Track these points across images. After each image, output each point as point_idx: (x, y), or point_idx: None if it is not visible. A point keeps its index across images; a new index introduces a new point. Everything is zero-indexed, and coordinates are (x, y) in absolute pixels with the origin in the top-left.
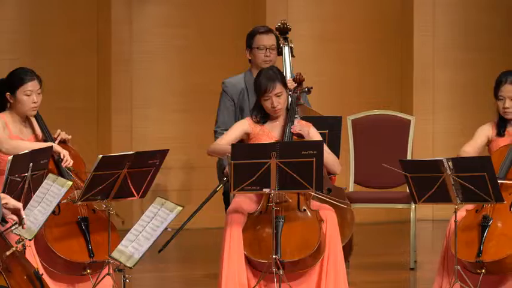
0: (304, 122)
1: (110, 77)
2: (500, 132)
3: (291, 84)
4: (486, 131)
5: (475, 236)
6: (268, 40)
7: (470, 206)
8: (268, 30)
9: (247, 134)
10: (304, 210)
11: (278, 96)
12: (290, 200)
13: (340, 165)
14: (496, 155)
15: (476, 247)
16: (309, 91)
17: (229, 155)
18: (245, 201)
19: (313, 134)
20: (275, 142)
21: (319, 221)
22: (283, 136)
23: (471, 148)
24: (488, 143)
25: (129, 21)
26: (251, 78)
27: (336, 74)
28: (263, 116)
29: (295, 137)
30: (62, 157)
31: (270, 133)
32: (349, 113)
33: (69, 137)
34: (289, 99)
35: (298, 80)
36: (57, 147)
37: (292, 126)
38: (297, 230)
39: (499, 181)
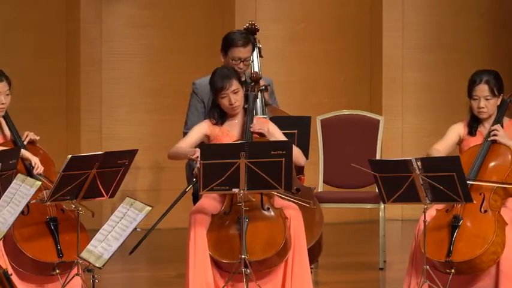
0: (261, 119)
1: (79, 77)
2: (472, 132)
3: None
4: (458, 130)
5: (445, 235)
6: (244, 53)
7: (440, 206)
8: (246, 42)
9: (207, 136)
10: (268, 208)
11: (235, 93)
12: (253, 199)
13: (304, 156)
14: (466, 155)
15: (446, 247)
16: (266, 89)
17: (191, 156)
18: (208, 201)
19: (273, 130)
20: (244, 142)
21: (283, 219)
22: (243, 135)
23: (442, 146)
24: (460, 142)
25: (98, 21)
26: None
27: (305, 74)
28: (220, 116)
29: (255, 135)
30: (33, 164)
31: (229, 133)
32: (318, 113)
33: (38, 137)
34: (248, 98)
35: (255, 78)
36: (27, 153)
37: (251, 125)
38: (262, 229)
39: (469, 182)
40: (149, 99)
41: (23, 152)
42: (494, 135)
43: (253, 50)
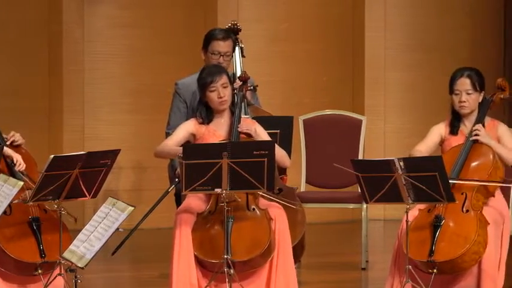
0: (249, 120)
1: (61, 77)
2: (454, 131)
3: (237, 83)
4: (439, 130)
5: (427, 235)
6: (223, 47)
7: (422, 206)
8: (226, 37)
9: (193, 135)
10: (254, 209)
11: (224, 87)
12: (239, 200)
13: (289, 158)
14: (448, 155)
15: (428, 247)
16: (254, 89)
17: (181, 155)
18: (194, 200)
19: (260, 131)
20: (226, 142)
21: (268, 220)
22: (230, 135)
23: (424, 148)
24: (441, 142)
25: (80, 21)
26: None
27: (288, 74)
28: (207, 115)
29: (242, 136)
30: (14, 161)
31: (215, 132)
32: (300, 113)
33: (23, 141)
34: (235, 98)
35: (243, 79)
36: (9, 150)
37: (238, 125)
38: (247, 230)
39: (451, 181)
40: (131, 100)
41: (5, 149)
42: (476, 135)
43: (234, 48)
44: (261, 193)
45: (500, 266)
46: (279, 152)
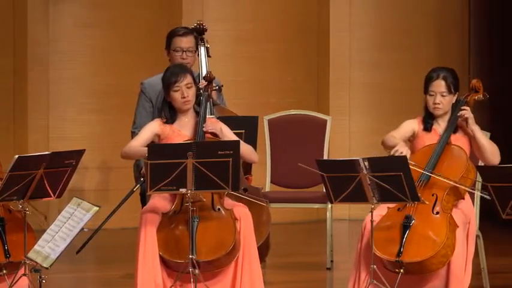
0: (214, 120)
1: (26, 77)
2: (427, 127)
3: (202, 83)
4: (412, 125)
5: (396, 234)
6: (185, 42)
7: (392, 204)
8: (187, 32)
9: (158, 136)
10: (219, 209)
11: (188, 87)
12: (204, 200)
13: (256, 154)
14: (419, 154)
15: (397, 246)
16: (219, 89)
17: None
18: (159, 200)
19: (226, 131)
20: (191, 142)
21: (233, 220)
22: (195, 135)
23: (398, 135)
24: (413, 138)
25: (45, 21)
26: None
27: (253, 74)
28: (171, 115)
29: (208, 136)
30: None
31: (180, 132)
32: (267, 113)
33: None
34: (201, 98)
35: (209, 79)
36: None
37: (204, 125)
38: (212, 230)
39: (427, 173)
40: (97, 99)
41: None
42: (466, 116)
43: (197, 45)
44: (230, 192)
45: (466, 266)
46: (247, 149)
